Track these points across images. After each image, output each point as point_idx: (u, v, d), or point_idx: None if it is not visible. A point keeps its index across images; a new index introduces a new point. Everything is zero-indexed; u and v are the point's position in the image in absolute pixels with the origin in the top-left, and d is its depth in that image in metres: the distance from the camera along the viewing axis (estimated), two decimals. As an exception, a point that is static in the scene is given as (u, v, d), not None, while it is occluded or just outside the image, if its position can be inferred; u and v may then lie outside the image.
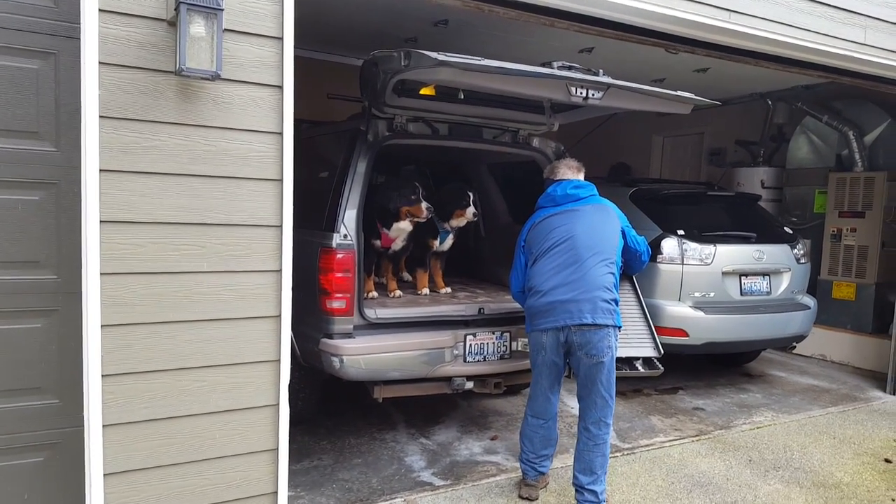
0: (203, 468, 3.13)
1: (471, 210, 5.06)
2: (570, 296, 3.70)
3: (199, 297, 3.04)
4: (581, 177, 4.16)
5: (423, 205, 4.68)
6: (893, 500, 4.20)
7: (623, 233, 4.03)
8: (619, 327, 3.81)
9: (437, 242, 5.20)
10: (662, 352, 4.73)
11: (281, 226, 3.19)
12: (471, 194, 5.12)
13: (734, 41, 4.86)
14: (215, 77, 2.85)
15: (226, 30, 2.89)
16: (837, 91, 7.60)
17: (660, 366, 4.67)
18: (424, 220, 4.78)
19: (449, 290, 5.21)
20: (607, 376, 3.75)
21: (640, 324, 4.84)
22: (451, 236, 5.25)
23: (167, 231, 2.94)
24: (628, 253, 4.13)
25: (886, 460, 4.80)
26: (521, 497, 4.04)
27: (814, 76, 5.78)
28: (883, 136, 7.67)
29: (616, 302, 3.79)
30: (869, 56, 5.32)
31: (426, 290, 5.11)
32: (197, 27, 2.73)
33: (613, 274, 3.82)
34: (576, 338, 3.70)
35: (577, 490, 3.83)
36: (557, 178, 4.12)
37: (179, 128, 2.92)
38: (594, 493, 3.76)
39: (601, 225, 3.92)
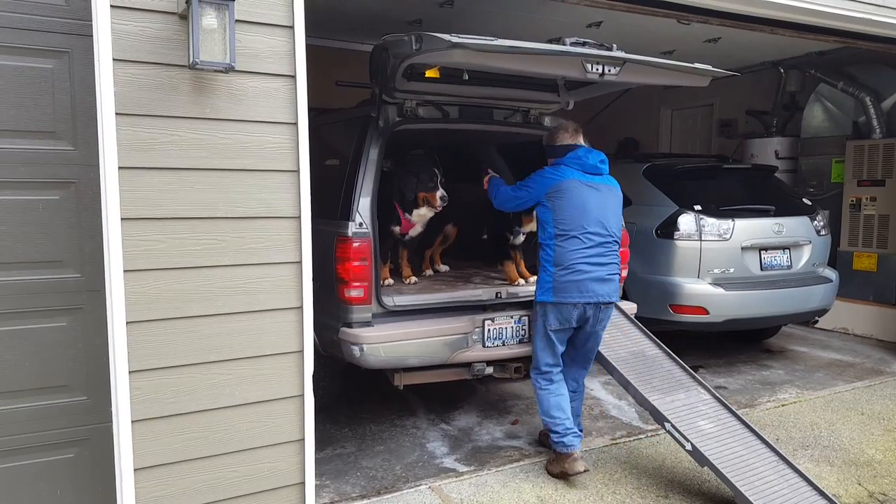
0: (231, 460, 3.15)
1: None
2: (601, 274, 3.99)
3: (222, 290, 3.04)
4: (584, 142, 4.23)
5: (439, 193, 4.55)
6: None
7: None
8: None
9: (511, 237, 5.01)
10: None
11: (300, 216, 3.18)
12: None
13: (750, 9, 4.78)
14: (229, 69, 2.83)
15: (237, 21, 2.85)
16: (852, 56, 7.46)
17: None
18: (439, 209, 4.64)
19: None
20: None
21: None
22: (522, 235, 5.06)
23: (187, 226, 2.94)
24: None
25: (917, 435, 4.73)
26: (574, 473, 3.93)
27: (830, 42, 5.66)
28: (901, 101, 7.53)
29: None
30: (887, 18, 5.20)
31: (523, 280, 4.92)
32: (209, 19, 2.71)
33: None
34: (599, 314, 4.02)
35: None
36: (565, 143, 4.15)
37: (195, 122, 2.91)
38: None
39: (618, 211, 4.20)
